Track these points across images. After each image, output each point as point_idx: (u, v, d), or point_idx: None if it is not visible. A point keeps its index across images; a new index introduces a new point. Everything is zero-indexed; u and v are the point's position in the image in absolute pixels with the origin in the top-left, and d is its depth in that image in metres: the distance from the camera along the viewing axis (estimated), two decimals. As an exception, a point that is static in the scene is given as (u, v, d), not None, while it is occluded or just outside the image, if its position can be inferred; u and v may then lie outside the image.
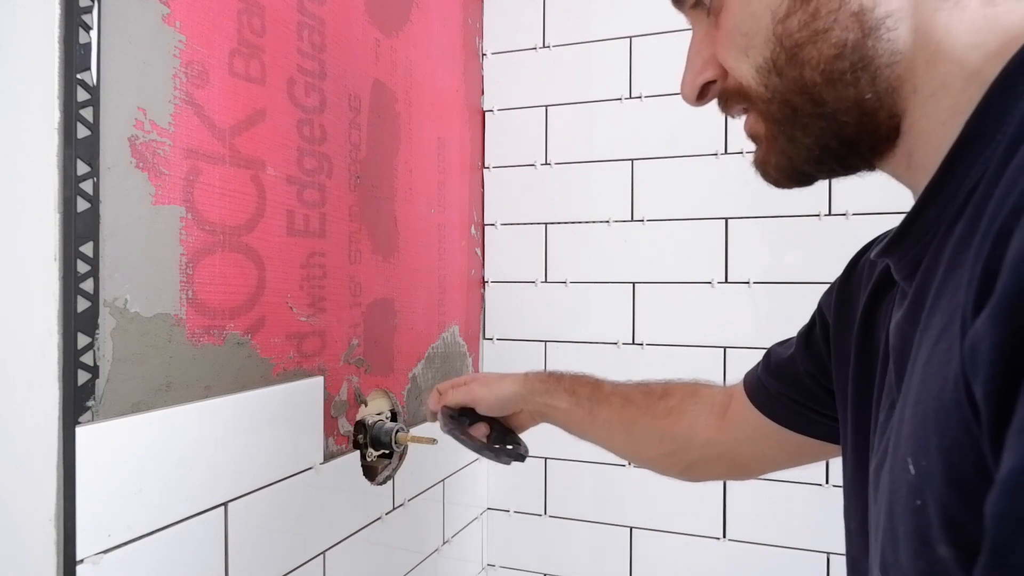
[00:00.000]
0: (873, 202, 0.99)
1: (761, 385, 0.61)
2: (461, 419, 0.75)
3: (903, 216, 0.38)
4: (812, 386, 0.55)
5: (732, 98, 0.41)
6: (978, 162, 0.30)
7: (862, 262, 0.50)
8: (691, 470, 0.68)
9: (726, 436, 0.64)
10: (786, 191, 0.42)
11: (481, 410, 0.75)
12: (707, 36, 0.41)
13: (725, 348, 1.08)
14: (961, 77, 0.32)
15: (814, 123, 0.37)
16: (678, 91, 0.46)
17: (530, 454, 0.77)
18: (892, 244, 0.38)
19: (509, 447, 0.75)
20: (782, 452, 0.61)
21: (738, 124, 1.17)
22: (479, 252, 1.23)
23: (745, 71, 0.38)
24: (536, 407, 0.73)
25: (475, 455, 0.82)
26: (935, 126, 0.34)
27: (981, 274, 0.26)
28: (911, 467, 0.29)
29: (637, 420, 0.68)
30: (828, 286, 0.55)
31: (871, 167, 0.39)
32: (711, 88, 0.42)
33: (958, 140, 0.31)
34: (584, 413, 0.70)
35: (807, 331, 0.58)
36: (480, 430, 0.76)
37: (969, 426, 0.25)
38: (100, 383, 0.51)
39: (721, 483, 1.08)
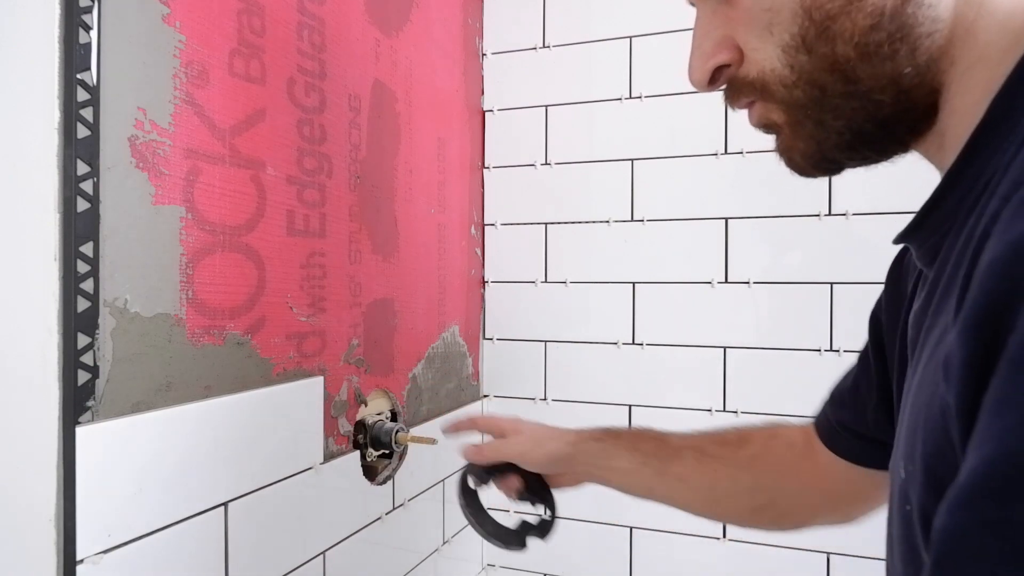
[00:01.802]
0: (873, 202, 0.99)
1: (830, 424, 0.55)
2: (490, 474, 0.68)
3: (902, 215, 0.36)
4: (879, 409, 0.49)
5: (744, 88, 0.37)
6: (1001, 148, 0.27)
7: (909, 255, 0.45)
8: (783, 520, 0.61)
9: (818, 481, 0.56)
10: (786, 192, 0.41)
11: (523, 464, 0.67)
12: (716, 16, 0.37)
13: (725, 348, 1.08)
14: (999, 48, 0.29)
15: (845, 104, 0.33)
16: (678, 91, 0.45)
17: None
18: (911, 230, 0.35)
19: (531, 523, 0.68)
20: (880, 490, 0.53)
21: (738, 124, 1.17)
22: (479, 252, 1.23)
23: (769, 51, 0.34)
24: (589, 470, 0.65)
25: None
26: (968, 104, 0.30)
27: (963, 280, 0.25)
28: (901, 471, 0.28)
29: (719, 474, 0.60)
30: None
31: (906, 149, 0.36)
32: (723, 73, 0.38)
33: (982, 121, 0.28)
34: (652, 473, 0.62)
35: (864, 350, 0.53)
36: (512, 483, 0.68)
37: (949, 436, 0.24)
38: (100, 383, 0.51)
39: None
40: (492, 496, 0.72)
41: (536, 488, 0.69)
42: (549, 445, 0.65)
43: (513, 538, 0.68)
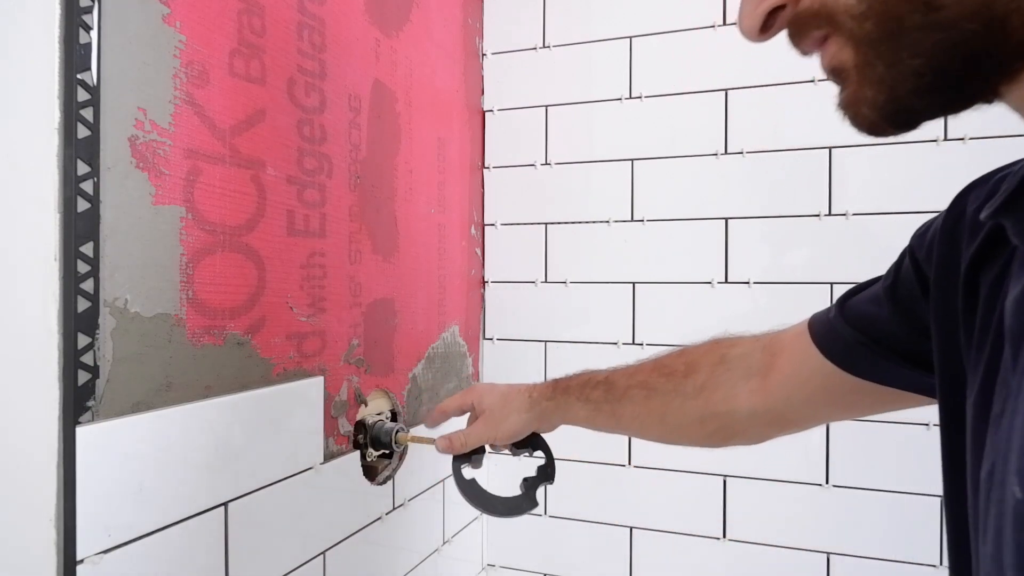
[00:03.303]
0: (873, 202, 0.99)
1: (836, 334, 0.51)
2: (474, 457, 0.76)
3: (901, 215, 0.34)
4: (903, 338, 0.46)
5: (809, 23, 0.32)
6: None
7: (969, 212, 0.40)
8: (735, 438, 0.62)
9: (774, 400, 0.57)
10: (786, 192, 0.38)
11: (476, 410, 0.75)
12: None
13: (725, 348, 1.08)
14: None
15: (925, 37, 0.28)
16: (678, 91, 0.44)
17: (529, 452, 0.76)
18: (1008, 204, 0.31)
19: (530, 491, 0.73)
20: (844, 404, 0.53)
21: (738, 124, 1.17)
22: (479, 252, 1.23)
23: None
24: (551, 426, 0.70)
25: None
26: None
27: None
28: (1017, 491, 0.24)
29: (668, 408, 0.62)
30: (920, 229, 0.46)
31: (994, 94, 0.30)
32: (779, 16, 0.34)
33: None
34: (606, 417, 0.66)
35: (891, 286, 0.47)
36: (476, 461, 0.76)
37: None
38: (100, 383, 0.51)
39: (721, 483, 1.08)
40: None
41: (522, 442, 0.74)
42: (509, 421, 0.70)
43: (525, 502, 0.72)
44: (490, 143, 1.23)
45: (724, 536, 1.07)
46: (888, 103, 0.31)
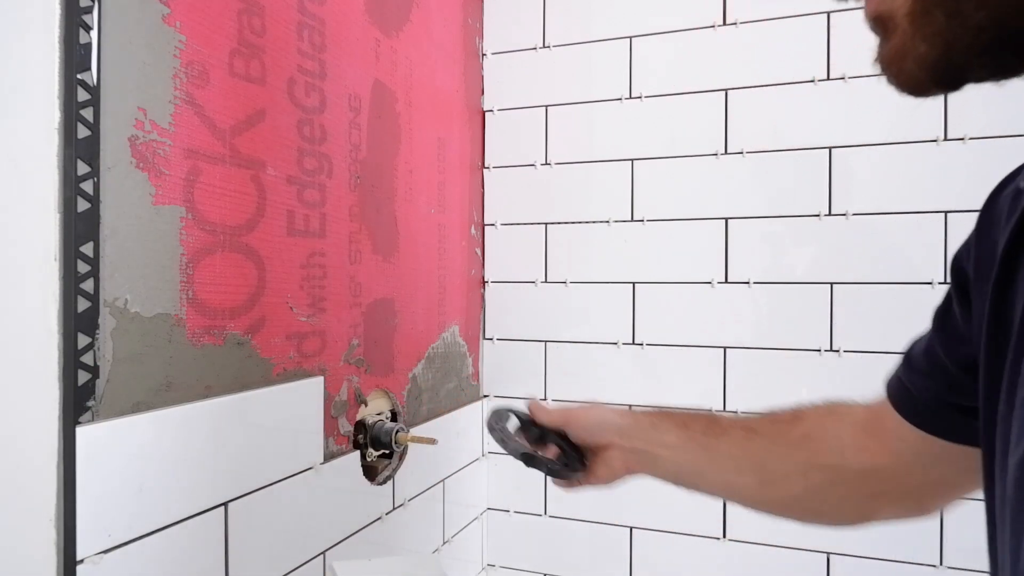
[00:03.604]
0: (873, 202, 0.99)
1: (903, 387, 0.47)
2: (532, 430, 0.64)
3: (901, 215, 0.32)
4: (960, 375, 0.41)
5: None
6: None
7: (1004, 193, 0.38)
8: (846, 507, 0.53)
9: (886, 459, 0.49)
10: (786, 192, 0.36)
11: (570, 431, 0.63)
12: None
13: (725, 348, 1.08)
14: None
15: None
16: (678, 91, 0.43)
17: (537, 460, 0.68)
18: None
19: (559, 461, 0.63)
20: (958, 471, 0.45)
21: (738, 124, 1.17)
22: (479, 252, 1.23)
23: None
24: (637, 444, 0.60)
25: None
26: None
27: None
28: None
29: (769, 452, 0.54)
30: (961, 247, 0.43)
31: None
32: None
33: None
34: (698, 449, 0.57)
35: (942, 307, 0.44)
36: (550, 451, 0.64)
37: None
38: (100, 383, 0.51)
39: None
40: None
41: (573, 458, 0.64)
42: (599, 413, 0.63)
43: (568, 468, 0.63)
44: (490, 143, 1.23)
45: (724, 536, 1.07)
46: (940, 60, 0.28)
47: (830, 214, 1.02)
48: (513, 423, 0.66)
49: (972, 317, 0.38)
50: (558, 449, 0.63)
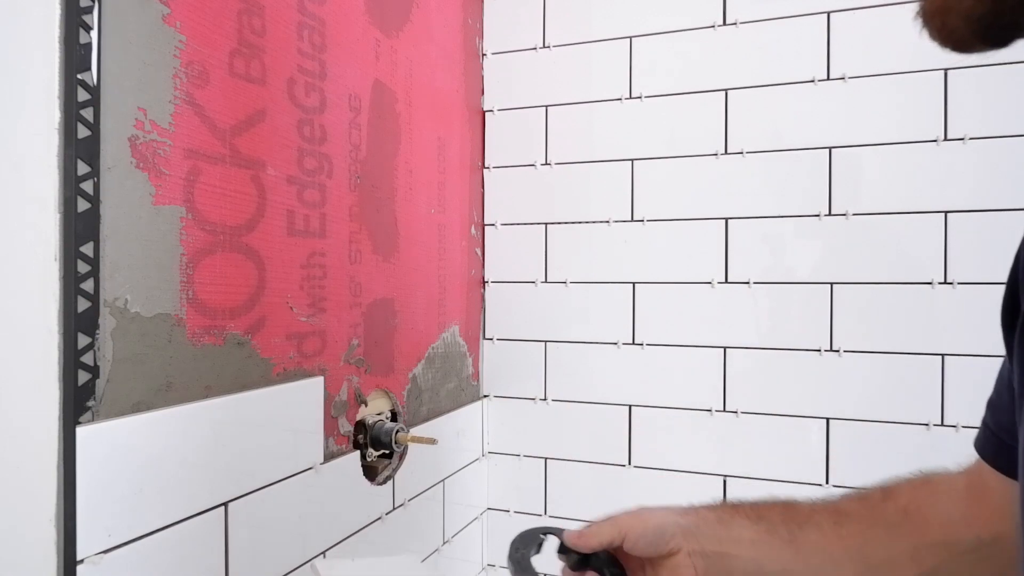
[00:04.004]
0: (872, 202, 0.99)
1: (993, 438, 0.43)
2: (571, 555, 0.54)
3: (901, 215, 0.31)
4: None
5: None
6: None
7: None
8: None
9: (999, 526, 0.43)
10: (786, 192, 0.33)
11: (628, 544, 0.53)
12: None
13: (725, 348, 1.08)
14: None
15: None
16: (678, 91, 0.41)
17: (534, 454, 0.60)
18: None
19: None
20: None
21: (738, 124, 1.17)
22: (479, 252, 1.23)
23: None
24: (708, 546, 0.51)
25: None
26: None
27: None
28: None
29: (867, 538, 0.47)
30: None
31: None
32: None
33: None
34: (780, 544, 0.49)
35: (1006, 320, 0.39)
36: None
37: None
38: (100, 383, 0.51)
39: (721, 483, 1.08)
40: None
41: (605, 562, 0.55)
42: (657, 516, 0.53)
43: None
44: (490, 143, 1.23)
45: (724, 536, 1.07)
46: (988, 15, 0.26)
47: (830, 214, 1.02)
48: (552, 543, 0.56)
49: None
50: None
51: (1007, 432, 0.41)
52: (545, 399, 1.18)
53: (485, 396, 1.23)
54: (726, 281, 1.08)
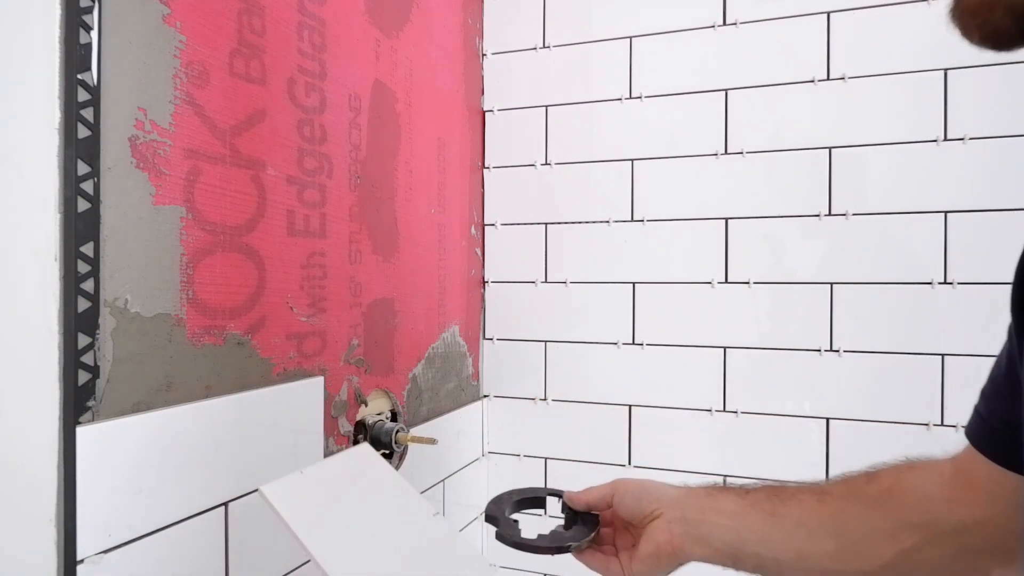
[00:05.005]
0: (872, 202, 0.99)
1: (985, 425, 0.43)
2: (568, 511, 0.59)
3: (901, 215, 0.31)
4: None
5: None
6: None
7: None
8: (951, 569, 0.46)
9: (982, 510, 0.43)
10: (786, 192, 0.35)
11: (616, 502, 0.57)
12: None
13: (725, 348, 1.08)
14: None
15: None
16: (678, 91, 0.41)
17: (534, 454, 0.65)
18: None
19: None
20: None
21: (738, 124, 1.17)
22: (479, 252, 1.23)
23: None
24: (688, 512, 0.52)
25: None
26: None
27: None
28: None
29: (847, 514, 0.48)
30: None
31: None
32: None
33: None
34: (762, 515, 0.50)
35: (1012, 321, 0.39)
36: (580, 533, 0.58)
37: None
38: (100, 383, 0.51)
39: (721, 482, 1.08)
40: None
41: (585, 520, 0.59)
42: (647, 482, 0.56)
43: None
44: (490, 143, 1.23)
45: (724, 536, 1.07)
46: None
47: (830, 214, 1.02)
48: (552, 505, 0.62)
49: None
50: (585, 530, 0.58)
51: (1000, 420, 0.41)
52: (545, 399, 1.18)
53: (485, 396, 1.23)
54: (726, 281, 1.08)
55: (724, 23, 1.08)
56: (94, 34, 0.50)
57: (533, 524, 0.64)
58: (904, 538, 0.46)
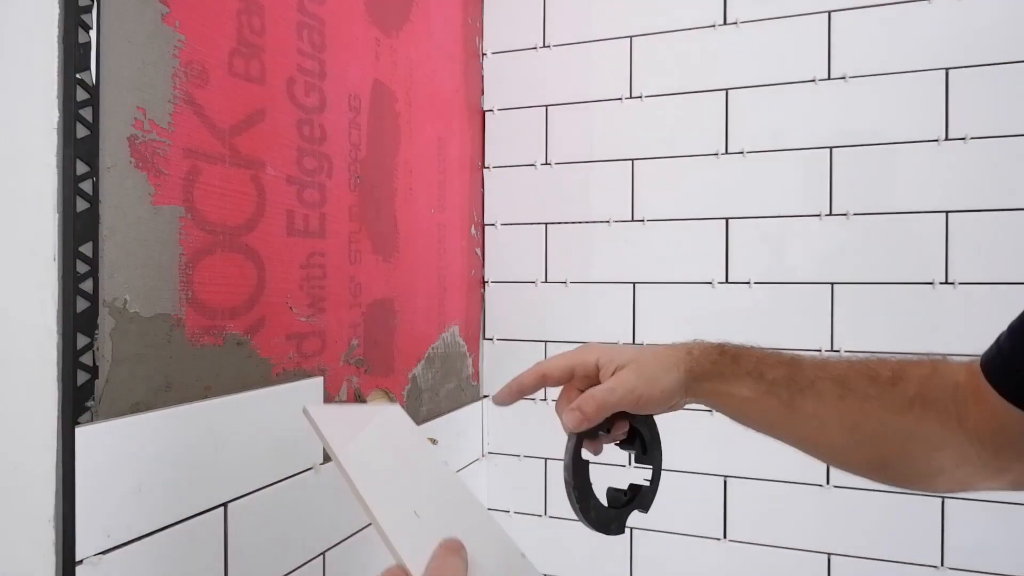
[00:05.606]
0: (873, 202, 0.99)
1: (999, 353, 0.43)
2: (598, 434, 0.58)
3: (902, 215, 0.32)
4: None
5: None
6: None
7: None
8: (936, 479, 0.48)
9: (985, 428, 0.45)
10: (786, 192, 0.37)
11: (637, 412, 0.56)
12: None
13: (725, 348, 1.08)
14: None
15: None
16: (678, 91, 0.42)
17: (534, 455, 0.67)
18: None
19: (623, 514, 0.59)
20: None
21: (738, 124, 1.17)
22: (479, 252, 1.23)
23: None
24: (703, 394, 0.53)
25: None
26: None
27: None
28: None
29: (867, 417, 0.48)
30: None
31: None
32: None
33: None
34: (778, 405, 0.50)
35: None
36: (618, 433, 0.59)
37: None
38: (99, 383, 0.51)
39: (721, 483, 1.08)
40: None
41: (642, 436, 0.58)
42: (664, 380, 0.53)
43: (614, 524, 0.58)
44: (490, 143, 1.23)
45: (724, 536, 1.07)
46: None
47: (831, 214, 1.02)
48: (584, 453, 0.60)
49: None
50: (625, 425, 0.58)
51: (1021, 358, 0.41)
52: (545, 399, 1.18)
53: (485, 396, 1.23)
54: (726, 281, 1.08)
55: (724, 22, 1.08)
56: (93, 33, 0.50)
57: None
58: (913, 446, 0.47)
